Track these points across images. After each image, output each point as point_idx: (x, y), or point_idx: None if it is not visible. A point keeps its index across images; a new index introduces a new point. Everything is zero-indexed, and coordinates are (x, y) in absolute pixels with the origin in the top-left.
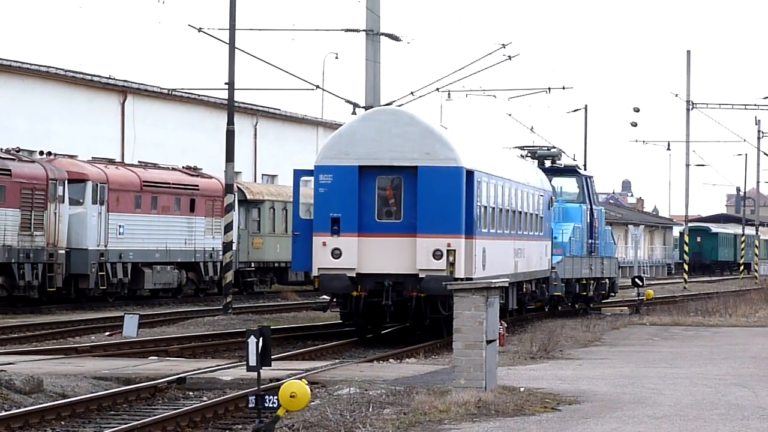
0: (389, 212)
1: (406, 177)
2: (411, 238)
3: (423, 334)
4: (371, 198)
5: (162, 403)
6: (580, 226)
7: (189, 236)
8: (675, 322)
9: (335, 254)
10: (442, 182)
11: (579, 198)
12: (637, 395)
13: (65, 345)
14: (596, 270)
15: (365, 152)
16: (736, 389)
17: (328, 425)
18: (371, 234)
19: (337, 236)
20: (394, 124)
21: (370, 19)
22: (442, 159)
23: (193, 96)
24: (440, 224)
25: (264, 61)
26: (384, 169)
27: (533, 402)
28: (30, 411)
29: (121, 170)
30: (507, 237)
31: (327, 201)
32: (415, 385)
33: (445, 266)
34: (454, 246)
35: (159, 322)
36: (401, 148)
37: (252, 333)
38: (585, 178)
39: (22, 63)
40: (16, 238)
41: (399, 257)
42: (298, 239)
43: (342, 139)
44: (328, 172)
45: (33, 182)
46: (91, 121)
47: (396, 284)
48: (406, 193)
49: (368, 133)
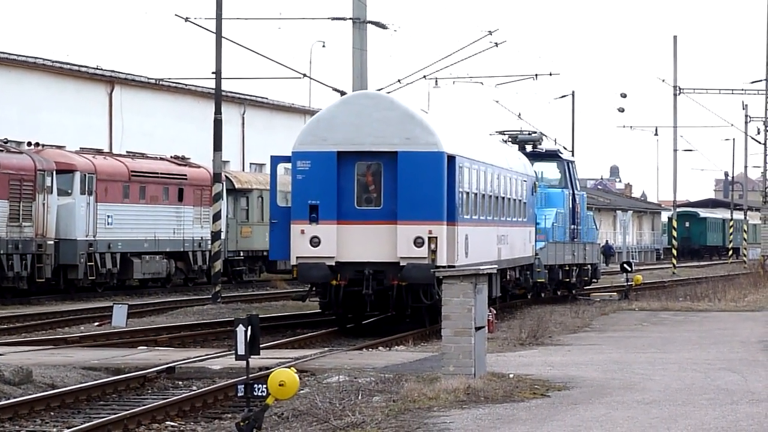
0: (369, 199)
1: (386, 163)
2: (391, 226)
3: (405, 324)
4: (350, 184)
5: (151, 393)
6: (562, 211)
7: (177, 226)
8: (664, 308)
9: (314, 242)
10: (423, 168)
11: (561, 183)
12: (626, 380)
13: (54, 336)
14: (579, 256)
15: (344, 137)
16: (725, 374)
17: (317, 413)
18: (351, 222)
19: (315, 224)
20: (373, 108)
21: (357, 7)
22: (422, 144)
23: (181, 86)
24: (421, 211)
25: (251, 50)
26: (363, 155)
27: (522, 388)
28: (19, 402)
29: (110, 160)
30: (490, 223)
31: (305, 188)
32: (404, 372)
33: (426, 254)
34: (435, 233)
35: (148, 311)
36: (381, 133)
37: (240, 322)
38: (567, 163)
39: (9, 54)
40: (4, 229)
41: (379, 245)
42: (276, 227)
43: (320, 124)
44: (305, 159)
45: (21, 173)
46: (79, 111)
47: (376, 273)
48: (387, 179)
49: (347, 117)
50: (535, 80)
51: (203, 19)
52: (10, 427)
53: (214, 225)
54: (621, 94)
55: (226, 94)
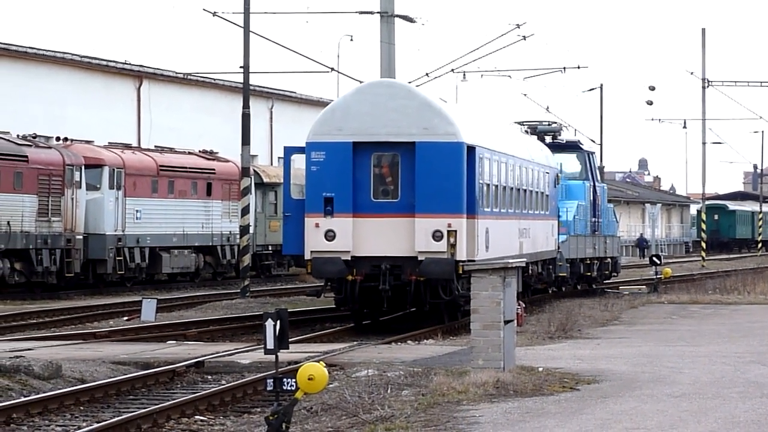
0: (386, 191)
1: (403, 153)
2: (409, 219)
3: (423, 321)
4: (366, 176)
5: (180, 387)
6: (583, 204)
7: (206, 220)
8: (693, 301)
9: (329, 236)
10: (442, 159)
11: (582, 175)
12: (655, 374)
13: (83, 330)
14: (599, 249)
15: (360, 127)
16: (755, 367)
17: (346, 407)
18: (367, 214)
19: (330, 217)
20: (390, 97)
21: (385, 1)
22: (441, 134)
23: (209, 80)
24: (440, 203)
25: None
26: (380, 146)
27: (552, 382)
28: (49, 396)
29: (138, 155)
30: (511, 216)
31: (320, 180)
32: (433, 366)
33: (445, 248)
34: (455, 226)
35: (177, 306)
36: (398, 122)
37: (269, 316)
38: (587, 154)
39: (38, 49)
40: (33, 224)
41: (396, 239)
42: (290, 221)
43: (335, 113)
44: (320, 149)
45: (50, 168)
46: (107, 106)
47: (394, 267)
48: (404, 170)
49: (363, 107)
50: (563, 73)
51: (231, 14)
52: (39, 422)
53: (242, 219)
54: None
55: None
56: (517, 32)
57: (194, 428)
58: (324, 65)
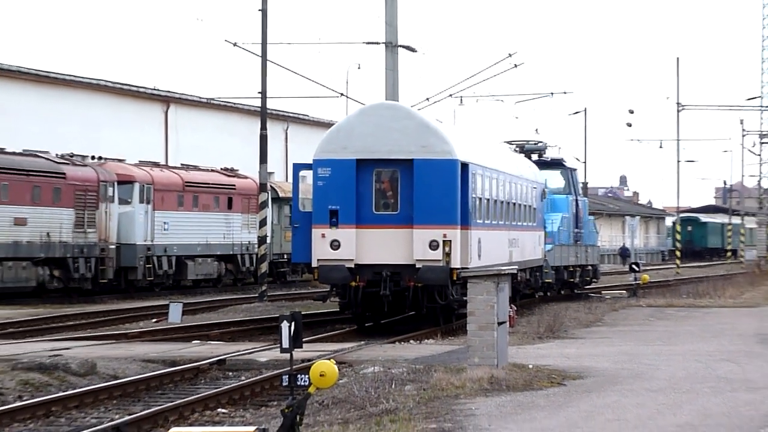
0: (386, 204)
1: (402, 170)
2: (408, 230)
3: (420, 323)
4: (369, 190)
5: (204, 383)
6: (567, 216)
7: (227, 231)
8: (669, 304)
9: (334, 245)
10: (438, 174)
11: (565, 189)
12: (635, 370)
13: (116, 331)
14: (581, 257)
15: (363, 146)
16: (725, 364)
17: (354, 401)
18: (369, 225)
19: (335, 228)
20: (390, 118)
21: (389, 33)
22: (437, 152)
23: (230, 104)
24: (436, 215)
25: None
26: (381, 162)
27: (541, 378)
28: (85, 392)
29: (165, 172)
30: (502, 228)
31: (325, 194)
32: (433, 363)
33: (441, 256)
34: (449, 236)
35: (201, 309)
36: (398, 141)
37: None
38: (570, 171)
39: (75, 76)
40: (71, 234)
41: (396, 248)
42: (298, 231)
43: (340, 133)
44: (326, 166)
45: (86, 184)
46: (137, 128)
47: (393, 274)
48: (403, 185)
49: (365, 127)
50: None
51: (250, 44)
52: (76, 414)
53: (260, 230)
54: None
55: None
56: (509, 61)
57: (217, 420)
58: (334, 90)
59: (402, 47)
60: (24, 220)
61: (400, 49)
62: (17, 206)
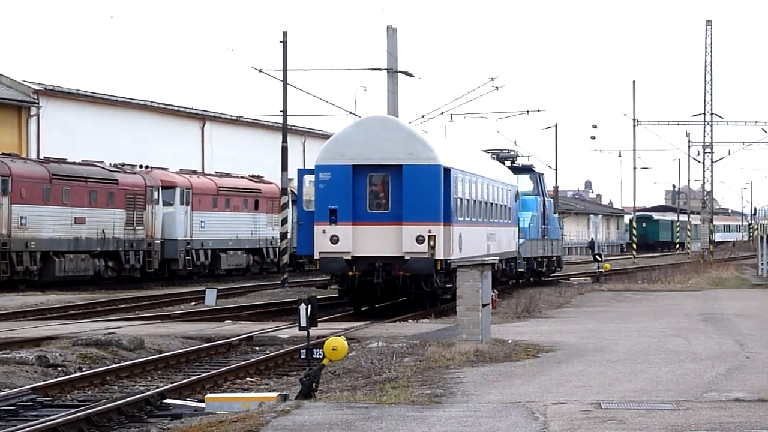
0: (379, 204)
1: (393, 174)
2: (397, 226)
3: (409, 307)
4: (363, 192)
5: (235, 356)
6: (536, 214)
7: (254, 228)
8: (627, 288)
9: (333, 240)
10: (424, 178)
11: (534, 191)
12: (597, 344)
13: (161, 313)
14: (548, 250)
15: (358, 153)
16: (674, 339)
17: (361, 371)
18: (364, 222)
19: (335, 225)
20: (382, 129)
21: (390, 60)
22: (423, 158)
23: (256, 121)
24: (422, 214)
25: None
26: (374, 168)
27: (518, 351)
28: (134, 363)
29: (202, 178)
30: (480, 224)
31: (326, 195)
32: (428, 339)
33: (426, 249)
34: (434, 232)
35: (232, 294)
36: (388, 149)
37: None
38: (538, 175)
39: (125, 98)
40: (122, 232)
41: (387, 242)
42: (302, 228)
43: (338, 142)
44: (326, 171)
45: (135, 189)
46: (178, 141)
47: (385, 265)
48: (393, 187)
49: (360, 137)
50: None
51: (273, 70)
52: (127, 383)
53: (282, 227)
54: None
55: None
56: (491, 84)
57: (245, 387)
58: (344, 109)
59: (401, 72)
60: (83, 219)
61: (399, 75)
62: (77, 207)
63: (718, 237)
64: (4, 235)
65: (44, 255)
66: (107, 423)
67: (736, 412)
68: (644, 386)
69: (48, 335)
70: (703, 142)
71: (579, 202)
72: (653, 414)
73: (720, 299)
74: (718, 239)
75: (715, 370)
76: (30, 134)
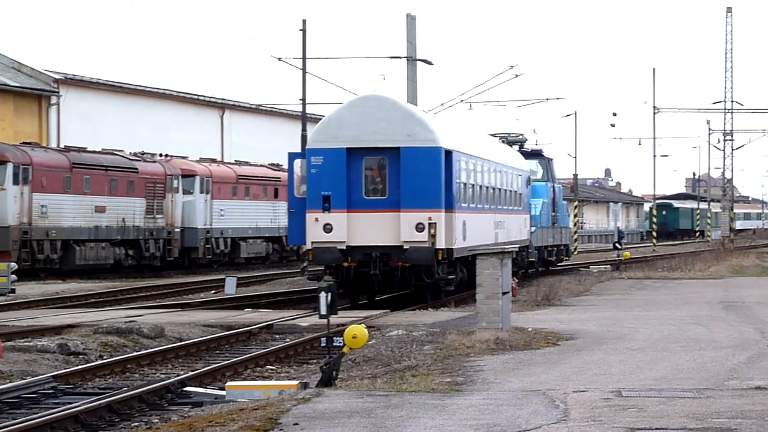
0: (375, 190)
1: (390, 157)
2: (395, 213)
3: (410, 300)
4: (359, 177)
5: (255, 344)
6: (546, 201)
7: (274, 216)
8: (647, 276)
9: (327, 229)
10: (423, 161)
11: (543, 177)
12: (618, 332)
13: (181, 301)
14: (557, 238)
15: (352, 135)
16: (694, 327)
17: (381, 359)
18: (359, 210)
19: (328, 212)
20: (378, 109)
21: (409, 49)
22: (422, 140)
23: (275, 110)
24: (422, 200)
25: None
26: (370, 151)
27: (538, 339)
28: (155, 351)
29: (221, 167)
30: (487, 211)
31: (318, 180)
32: (447, 327)
33: (427, 238)
34: (434, 219)
35: (252, 282)
36: (385, 131)
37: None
38: (547, 160)
39: (145, 86)
40: (142, 220)
41: (385, 231)
42: (294, 216)
43: (331, 123)
44: (318, 155)
45: (155, 177)
46: (198, 130)
47: (383, 255)
48: (391, 172)
49: (354, 118)
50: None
51: (292, 59)
52: (148, 370)
53: None
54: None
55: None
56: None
57: (266, 375)
58: None
59: (420, 60)
60: (103, 207)
61: (418, 63)
62: (97, 196)
63: (738, 225)
64: (25, 223)
65: (65, 243)
66: (128, 411)
67: (757, 400)
68: (665, 374)
69: (69, 323)
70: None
71: (598, 190)
72: (674, 402)
73: (740, 287)
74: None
75: (736, 358)
76: (50, 123)
